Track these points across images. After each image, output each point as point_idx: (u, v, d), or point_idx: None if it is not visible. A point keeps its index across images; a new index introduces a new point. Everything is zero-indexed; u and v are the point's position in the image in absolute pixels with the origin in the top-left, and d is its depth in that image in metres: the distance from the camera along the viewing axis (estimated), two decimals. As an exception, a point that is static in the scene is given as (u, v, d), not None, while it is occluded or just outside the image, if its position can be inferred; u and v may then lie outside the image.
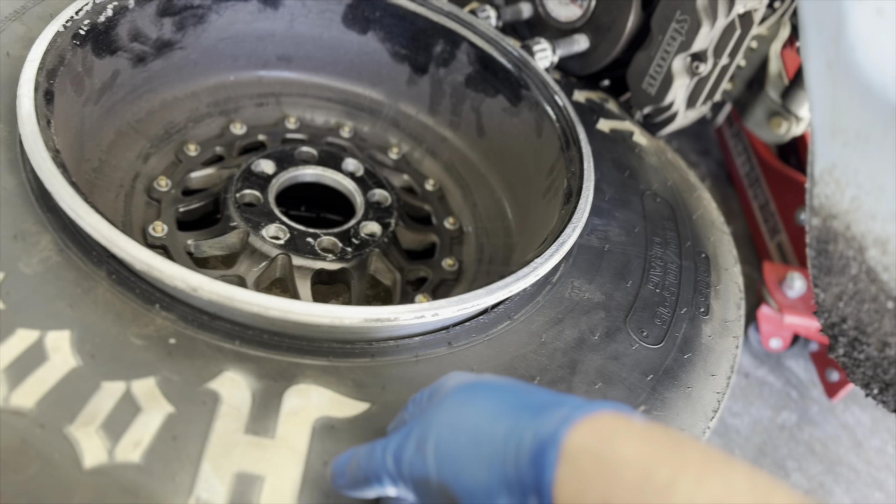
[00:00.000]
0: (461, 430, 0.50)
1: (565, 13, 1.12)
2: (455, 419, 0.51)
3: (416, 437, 0.52)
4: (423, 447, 0.51)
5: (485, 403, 0.51)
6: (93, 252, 0.68)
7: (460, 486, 0.49)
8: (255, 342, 0.66)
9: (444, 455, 0.50)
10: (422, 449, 0.51)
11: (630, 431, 0.44)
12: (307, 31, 1.07)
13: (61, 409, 0.58)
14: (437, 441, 0.50)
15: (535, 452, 0.46)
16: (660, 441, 0.43)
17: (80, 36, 0.85)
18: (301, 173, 1.00)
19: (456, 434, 0.50)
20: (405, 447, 0.52)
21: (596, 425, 0.45)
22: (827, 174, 0.56)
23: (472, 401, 0.52)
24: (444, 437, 0.50)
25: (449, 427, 0.51)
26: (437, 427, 0.51)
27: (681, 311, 0.83)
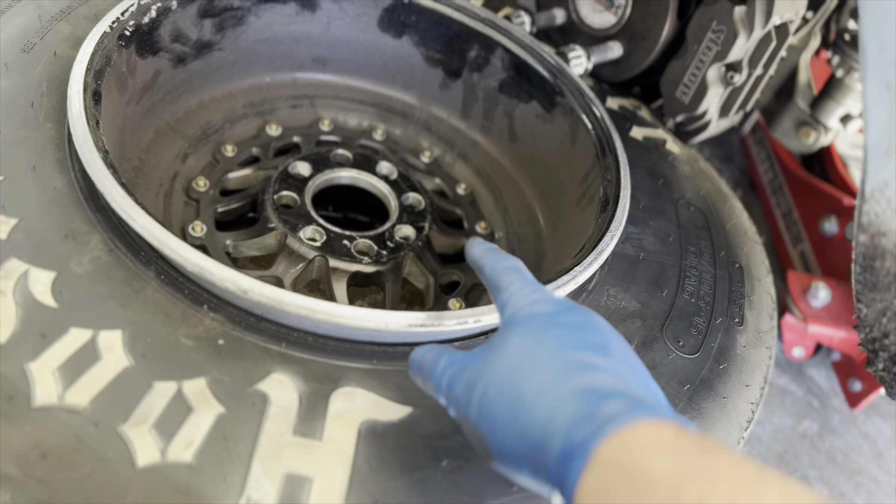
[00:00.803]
0: (506, 392, 0.51)
1: (599, 20, 1.12)
2: (506, 376, 0.52)
3: (468, 377, 0.54)
4: (470, 392, 0.53)
5: (538, 367, 0.51)
6: (142, 252, 0.69)
7: (492, 443, 0.51)
8: (301, 344, 0.67)
9: (485, 410, 0.52)
10: (469, 394, 0.53)
11: (661, 444, 0.43)
12: (343, 35, 1.08)
13: (115, 407, 0.59)
14: (483, 395, 0.52)
15: (563, 455, 0.46)
16: (691, 455, 0.42)
17: (126, 37, 0.86)
18: (337, 175, 1.01)
19: (500, 395, 0.51)
20: (458, 381, 0.55)
21: (629, 437, 0.44)
22: (878, 192, 0.57)
23: (529, 356, 0.52)
24: (490, 394, 0.52)
25: (497, 384, 0.52)
26: (487, 379, 0.52)
27: (716, 321, 0.84)
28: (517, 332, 0.55)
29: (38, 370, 0.59)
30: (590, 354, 0.51)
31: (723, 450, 0.42)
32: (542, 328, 0.54)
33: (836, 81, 1.24)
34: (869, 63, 0.55)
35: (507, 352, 0.53)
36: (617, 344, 0.54)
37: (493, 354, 0.54)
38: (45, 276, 0.64)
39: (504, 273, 0.61)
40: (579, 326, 0.54)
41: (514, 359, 0.52)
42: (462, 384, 0.54)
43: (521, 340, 0.54)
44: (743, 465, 0.41)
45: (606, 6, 1.10)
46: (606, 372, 0.50)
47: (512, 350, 0.53)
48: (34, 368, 0.59)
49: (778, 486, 0.40)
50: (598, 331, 0.54)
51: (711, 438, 0.44)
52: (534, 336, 0.53)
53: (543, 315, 0.56)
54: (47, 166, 0.72)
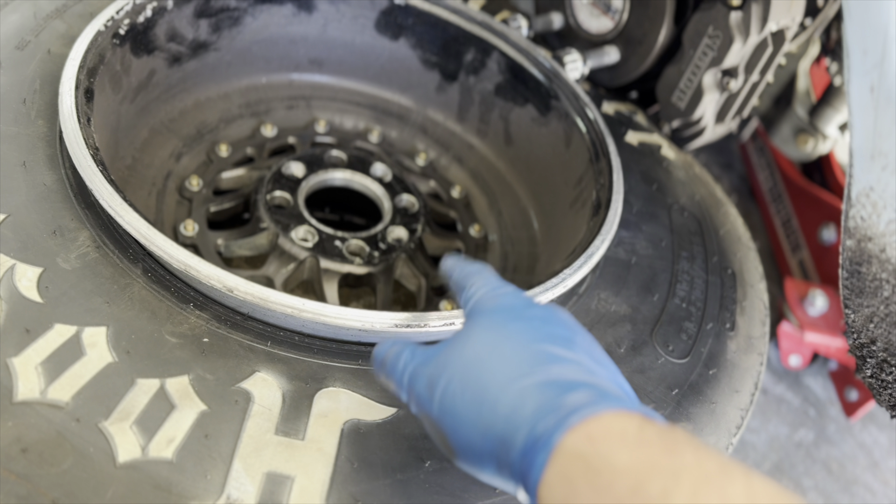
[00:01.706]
0: (469, 386, 0.50)
1: (596, 25, 1.12)
2: (468, 370, 0.51)
3: (430, 373, 0.53)
4: (432, 388, 0.52)
5: (501, 360, 0.50)
6: (129, 249, 0.69)
7: (455, 439, 0.50)
8: (287, 343, 0.67)
9: (447, 405, 0.50)
10: (431, 390, 0.52)
11: (625, 436, 0.42)
12: (339, 36, 1.08)
13: (97, 403, 0.58)
14: (445, 390, 0.51)
15: (527, 449, 0.45)
16: (655, 448, 0.41)
17: (120, 35, 0.86)
18: (331, 177, 1.01)
19: (463, 389, 0.50)
20: (419, 377, 0.53)
21: (593, 429, 0.43)
22: (864, 197, 0.56)
23: (492, 349, 0.51)
24: (452, 388, 0.50)
25: (459, 378, 0.51)
26: (450, 373, 0.51)
27: (707, 326, 0.84)
28: (480, 325, 0.54)
29: (21, 365, 0.59)
30: (554, 346, 0.51)
31: (688, 442, 0.41)
32: (506, 321, 0.54)
33: (834, 89, 1.24)
34: (853, 67, 0.54)
35: (469, 345, 0.52)
36: (581, 337, 0.53)
37: (456, 348, 0.53)
38: (31, 271, 0.64)
39: (470, 275, 0.61)
40: (543, 319, 0.54)
41: (477, 352, 0.51)
42: (424, 379, 0.53)
43: (485, 333, 0.53)
44: (708, 459, 0.40)
45: (603, 11, 1.11)
46: (571, 363, 0.49)
47: (475, 343, 0.52)
48: (17, 363, 0.59)
49: (743, 480, 0.39)
50: (562, 324, 0.54)
51: (677, 430, 0.43)
52: (497, 328, 0.53)
53: (507, 308, 0.55)
54: (37, 162, 0.72)
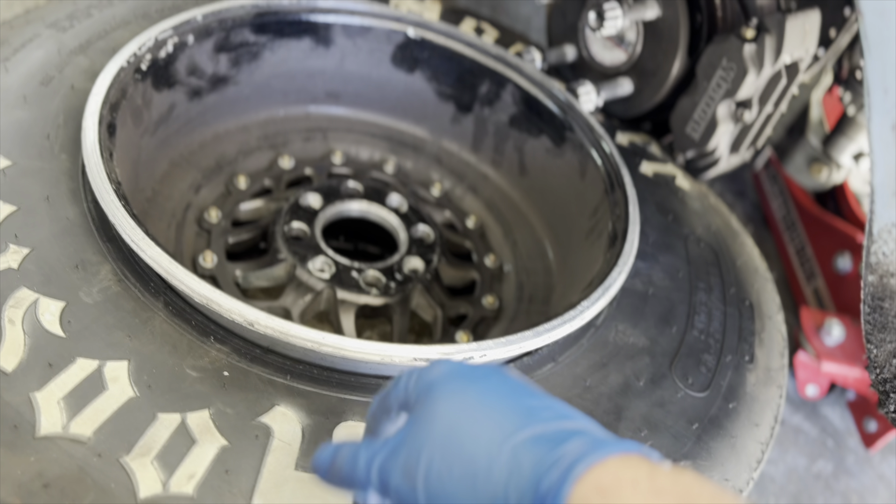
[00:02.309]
0: (455, 460, 0.45)
1: (610, 57, 1.13)
2: (448, 444, 0.46)
3: (403, 460, 0.47)
4: (412, 475, 0.46)
5: (482, 422, 0.46)
6: (151, 283, 0.69)
7: None
8: (306, 377, 0.67)
9: (436, 489, 0.45)
10: (410, 477, 0.46)
11: (637, 487, 0.41)
12: (356, 70, 1.09)
13: (118, 438, 0.59)
14: (428, 471, 0.45)
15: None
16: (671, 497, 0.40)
17: (142, 70, 0.88)
18: (347, 207, 1.01)
19: (449, 465, 0.45)
20: (392, 469, 0.47)
21: (601, 479, 0.41)
22: (886, 233, 0.56)
23: (467, 416, 0.47)
24: (436, 468, 0.45)
25: (441, 454, 0.46)
26: (428, 453, 0.46)
27: (726, 358, 0.83)
28: (438, 397, 0.48)
29: (43, 399, 0.59)
30: (529, 398, 0.47)
31: (702, 487, 0.41)
32: (464, 384, 0.49)
33: (848, 119, 1.24)
34: (874, 105, 0.55)
35: (438, 418, 0.47)
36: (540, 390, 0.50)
37: (423, 426, 0.47)
38: (54, 305, 0.65)
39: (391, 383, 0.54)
40: (494, 374, 0.50)
41: (451, 422, 0.47)
42: (398, 470, 0.47)
43: (449, 402, 0.48)
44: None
45: (617, 44, 1.11)
46: (552, 412, 0.46)
47: (443, 414, 0.47)
48: (40, 398, 0.59)
49: None
50: (509, 375, 0.50)
51: (686, 474, 0.42)
52: (460, 393, 0.48)
53: (454, 373, 0.50)
54: (61, 197, 0.74)
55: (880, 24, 0.54)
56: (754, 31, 0.98)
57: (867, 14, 0.55)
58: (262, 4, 0.99)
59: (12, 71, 0.84)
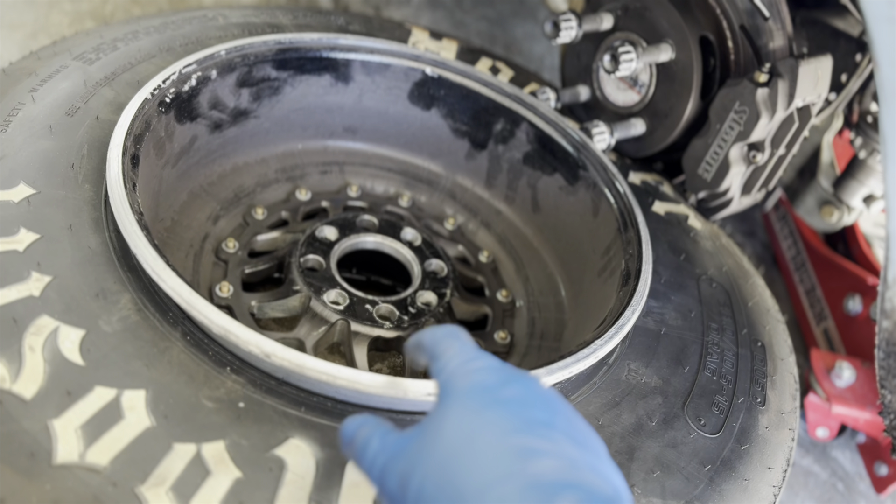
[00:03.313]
0: (445, 488, 0.46)
1: (623, 98, 1.15)
2: (443, 471, 0.47)
3: (402, 469, 0.49)
4: (405, 486, 0.48)
5: (478, 459, 0.47)
6: (169, 313, 0.70)
7: None
8: (320, 409, 0.68)
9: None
10: (403, 487, 0.49)
11: None
12: (374, 106, 1.11)
13: (134, 468, 0.59)
14: (420, 490, 0.47)
15: None
16: None
17: (166, 103, 0.89)
18: (362, 240, 1.02)
19: (438, 492, 0.46)
20: (390, 473, 0.50)
21: None
22: (901, 279, 0.57)
23: (468, 444, 0.48)
24: (427, 489, 0.47)
25: (434, 478, 0.47)
26: (423, 471, 0.48)
27: (738, 400, 0.83)
28: (454, 412, 0.50)
29: (61, 427, 0.59)
30: (533, 438, 0.47)
31: None
32: (481, 407, 0.50)
33: (858, 162, 1.25)
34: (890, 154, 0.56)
35: (444, 437, 0.49)
36: (562, 417, 0.51)
37: (429, 439, 0.49)
38: (74, 333, 0.65)
39: (441, 340, 0.57)
40: (521, 402, 0.50)
41: (451, 446, 0.48)
42: (395, 476, 0.49)
43: (458, 423, 0.49)
44: None
45: (630, 85, 1.13)
46: (553, 457, 0.46)
47: (449, 435, 0.49)
48: (58, 426, 0.59)
49: None
50: (541, 404, 0.51)
51: None
52: (472, 417, 0.49)
53: (481, 389, 0.52)
54: (83, 226, 0.75)
55: None
56: (767, 75, 0.99)
57: (884, 65, 0.57)
58: (284, 41, 1.01)
59: (39, 101, 0.86)
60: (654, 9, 1.07)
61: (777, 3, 1.05)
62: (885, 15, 0.55)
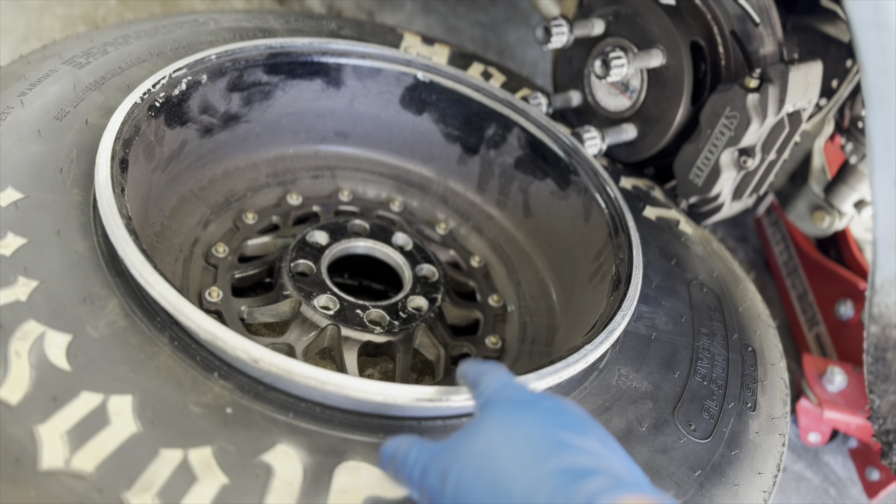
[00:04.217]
0: (482, 474, 0.51)
1: (614, 103, 1.15)
2: (481, 458, 0.52)
3: (442, 465, 0.53)
4: (444, 480, 0.52)
5: (515, 447, 0.51)
6: (157, 318, 0.70)
7: None
8: (308, 415, 0.67)
9: (460, 495, 0.51)
10: (443, 481, 0.52)
11: None
12: (365, 110, 1.11)
13: (120, 474, 0.59)
14: (458, 480, 0.51)
15: None
16: None
17: (156, 108, 0.89)
18: (353, 245, 1.02)
19: (476, 478, 0.51)
20: (430, 470, 0.54)
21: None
22: (888, 284, 0.57)
23: (505, 437, 0.52)
24: (465, 478, 0.51)
25: (472, 467, 0.51)
26: (462, 464, 0.52)
27: (728, 405, 0.83)
28: (491, 416, 0.55)
29: (46, 433, 0.59)
30: (567, 434, 0.52)
31: None
32: (517, 411, 0.55)
33: (849, 167, 1.25)
34: (876, 159, 0.56)
35: (481, 435, 0.53)
36: (593, 426, 0.55)
37: (467, 439, 0.54)
38: (60, 338, 0.65)
39: (483, 373, 0.62)
40: (555, 410, 0.55)
41: (489, 441, 0.52)
42: (436, 472, 0.53)
43: (496, 423, 0.54)
44: None
45: (621, 90, 1.14)
46: (584, 451, 0.50)
47: (487, 433, 0.53)
48: (43, 431, 0.59)
49: None
50: (573, 415, 0.55)
51: None
52: (508, 418, 0.54)
53: (518, 399, 0.56)
54: (71, 231, 0.74)
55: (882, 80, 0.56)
56: (757, 80, 1.00)
57: (869, 70, 0.57)
58: (275, 45, 1.01)
59: (28, 105, 0.85)
60: (645, 14, 1.07)
61: (767, 9, 1.05)
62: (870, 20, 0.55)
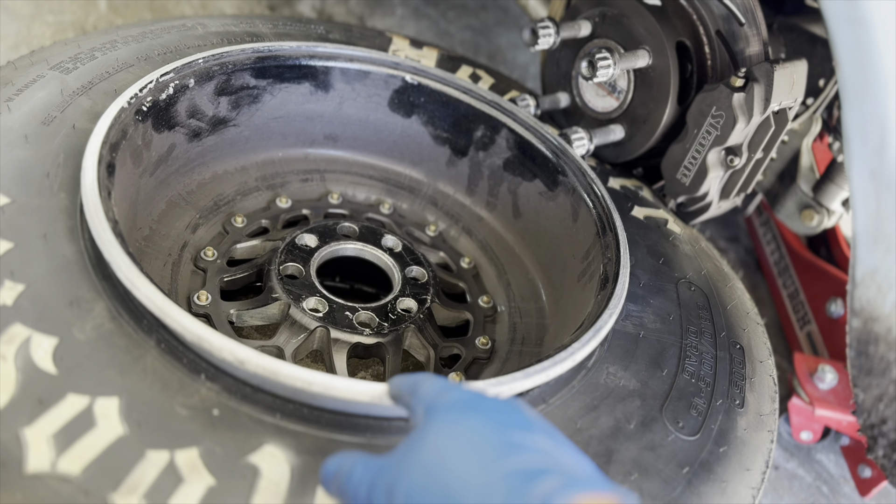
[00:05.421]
0: (432, 485, 0.48)
1: (602, 104, 1.16)
2: (429, 468, 0.49)
3: (388, 480, 0.51)
4: (391, 496, 0.50)
5: (462, 452, 0.49)
6: (144, 321, 0.70)
7: None
8: (295, 416, 0.67)
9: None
10: (390, 497, 0.50)
11: None
12: (354, 114, 1.12)
13: (106, 476, 0.59)
14: (407, 494, 0.49)
15: None
16: None
17: (143, 112, 0.89)
18: (342, 247, 1.02)
19: (426, 489, 0.49)
20: (378, 487, 0.51)
21: None
22: (868, 278, 0.57)
23: (451, 442, 0.50)
24: (415, 491, 0.49)
25: (420, 479, 0.49)
26: (409, 476, 0.50)
27: (716, 402, 0.83)
28: (435, 422, 0.53)
29: (32, 436, 0.59)
30: (514, 433, 0.50)
31: None
32: (461, 413, 0.53)
33: (837, 166, 1.26)
34: (853, 153, 0.56)
35: (427, 444, 0.51)
36: (539, 422, 0.53)
37: (413, 450, 0.51)
38: (47, 342, 0.65)
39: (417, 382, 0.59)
40: (499, 409, 0.53)
41: (435, 449, 0.50)
42: (382, 488, 0.51)
43: (441, 429, 0.52)
44: None
45: (609, 91, 1.14)
46: (534, 450, 0.48)
47: (432, 441, 0.51)
48: (29, 434, 0.59)
49: None
50: (517, 412, 0.53)
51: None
52: (453, 423, 0.52)
53: (460, 402, 0.54)
54: (58, 234, 0.74)
55: (857, 74, 0.56)
56: (743, 80, 1.00)
57: (845, 65, 0.57)
58: (262, 49, 1.01)
59: (14, 110, 0.86)
60: (632, 15, 1.08)
61: (753, 9, 1.06)
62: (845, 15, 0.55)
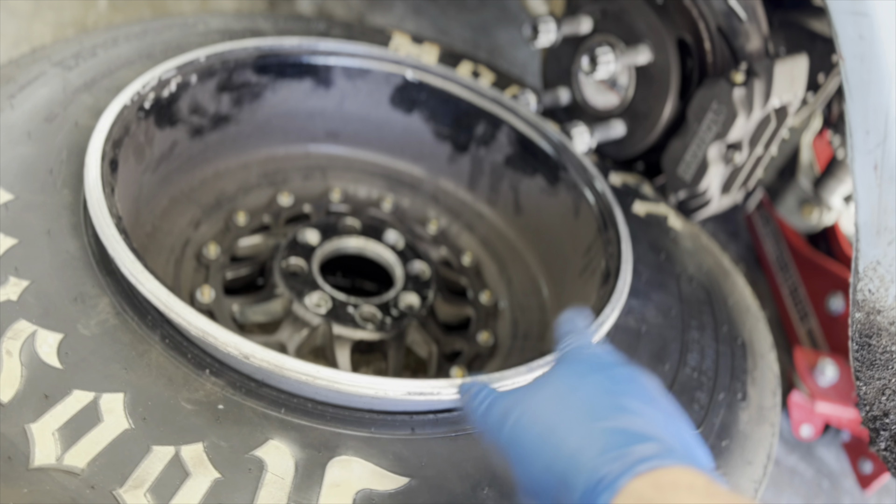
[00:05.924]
0: (538, 421, 0.53)
1: (603, 100, 1.16)
2: (542, 406, 0.54)
3: (505, 405, 0.56)
4: (504, 419, 0.55)
5: (576, 403, 0.53)
6: (148, 316, 0.70)
7: (518, 471, 0.53)
8: (300, 410, 0.68)
9: (515, 437, 0.53)
10: (503, 420, 0.55)
11: (693, 488, 0.44)
12: (355, 110, 1.12)
13: (112, 470, 0.59)
14: (517, 421, 0.54)
15: (587, 489, 0.47)
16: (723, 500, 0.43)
17: (145, 109, 0.90)
18: (344, 244, 1.03)
19: (532, 423, 0.53)
20: (495, 407, 0.57)
21: (660, 479, 0.45)
22: (871, 270, 0.58)
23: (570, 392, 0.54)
24: (523, 421, 0.54)
25: (531, 413, 0.54)
26: (523, 408, 0.54)
27: (718, 396, 0.84)
28: (561, 371, 0.57)
29: (38, 431, 0.59)
30: (631, 401, 0.52)
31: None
32: (587, 371, 0.56)
33: (837, 162, 1.26)
34: (857, 146, 0.57)
35: (548, 387, 0.55)
36: (663, 400, 0.55)
37: (535, 388, 0.56)
38: (52, 337, 0.65)
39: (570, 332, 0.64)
40: (625, 378, 0.56)
41: (554, 393, 0.54)
42: (498, 410, 0.56)
43: (564, 378, 0.56)
44: None
45: (609, 87, 1.14)
46: (644, 418, 0.51)
47: (554, 386, 0.55)
48: (35, 429, 0.59)
49: None
50: (643, 385, 0.55)
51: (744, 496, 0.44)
52: (577, 376, 0.56)
53: (592, 360, 0.58)
54: (61, 231, 0.75)
55: (860, 67, 0.57)
56: (744, 75, 1.00)
57: (848, 58, 0.58)
58: (264, 46, 1.02)
59: (17, 108, 0.86)
60: (632, 11, 1.08)
61: (753, 5, 1.06)
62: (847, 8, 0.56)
